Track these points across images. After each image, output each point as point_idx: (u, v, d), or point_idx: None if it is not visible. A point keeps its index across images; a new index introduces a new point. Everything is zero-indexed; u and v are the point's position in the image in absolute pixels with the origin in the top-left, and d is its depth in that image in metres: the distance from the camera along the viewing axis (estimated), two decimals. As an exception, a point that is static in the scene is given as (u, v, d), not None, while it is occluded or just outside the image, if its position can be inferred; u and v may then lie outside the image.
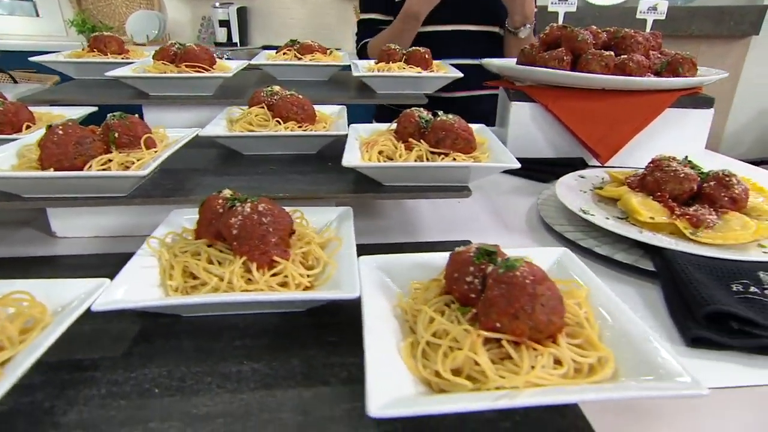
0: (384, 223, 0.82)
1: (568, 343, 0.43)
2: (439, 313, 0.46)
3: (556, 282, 0.50)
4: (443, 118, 0.73)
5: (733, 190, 0.69)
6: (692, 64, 1.04)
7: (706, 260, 0.61)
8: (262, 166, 0.80)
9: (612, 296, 0.48)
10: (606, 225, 0.69)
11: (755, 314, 0.52)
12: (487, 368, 0.38)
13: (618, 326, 0.45)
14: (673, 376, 0.38)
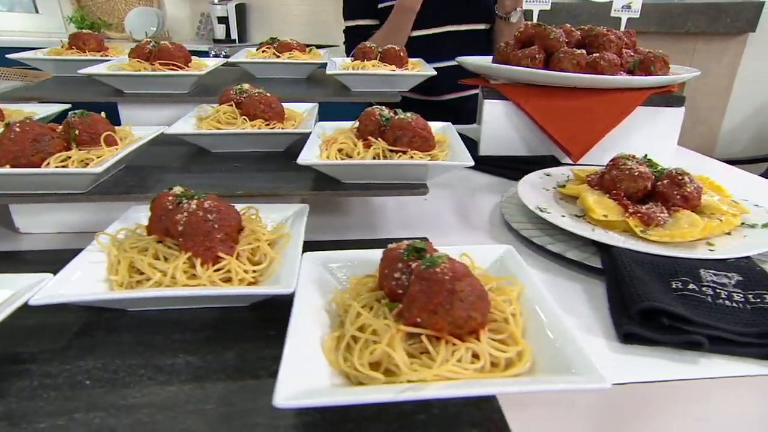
0: (349, 220, 0.83)
1: (492, 338, 0.44)
2: (368, 309, 0.47)
3: (490, 279, 0.52)
4: (401, 116, 0.74)
5: (685, 189, 0.70)
6: (664, 63, 1.04)
7: (650, 257, 0.62)
8: (227, 164, 0.81)
9: (544, 294, 0.49)
10: (560, 223, 0.70)
11: (688, 310, 0.53)
12: (400, 362, 0.40)
13: (543, 323, 0.46)
14: (582, 371, 0.39)
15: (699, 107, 3.26)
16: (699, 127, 3.31)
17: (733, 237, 0.69)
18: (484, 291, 0.44)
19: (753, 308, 0.54)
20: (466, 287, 0.43)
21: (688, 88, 3.20)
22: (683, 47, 3.17)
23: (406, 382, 0.39)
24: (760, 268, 0.61)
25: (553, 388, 0.37)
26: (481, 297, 0.43)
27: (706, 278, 0.59)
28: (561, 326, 0.44)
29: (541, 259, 0.70)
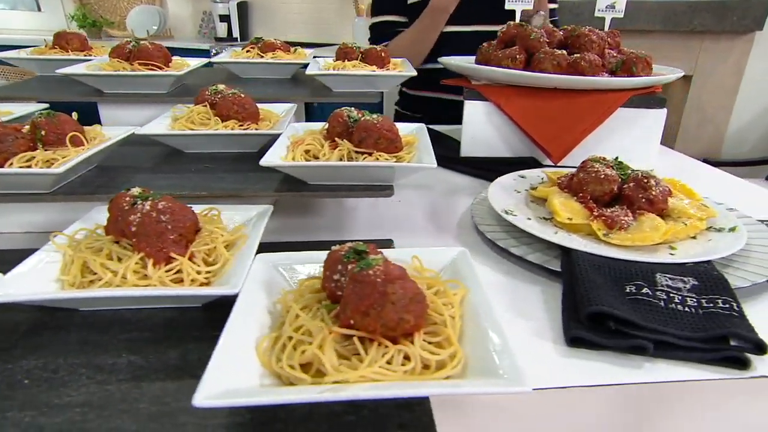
0: (320, 221, 0.84)
1: (428, 341, 0.45)
2: (308, 310, 0.48)
3: (436, 282, 0.53)
4: (367, 117, 0.75)
5: (650, 192, 0.70)
6: (646, 64, 1.04)
7: (608, 261, 0.63)
8: (199, 164, 0.83)
9: (487, 298, 0.49)
10: (523, 225, 0.70)
11: (637, 315, 0.53)
12: (327, 363, 0.41)
13: (480, 326, 0.46)
14: (507, 375, 0.39)
15: (705, 107, 3.24)
16: (705, 127, 3.29)
17: (697, 241, 0.69)
18: (420, 294, 0.45)
19: (705, 313, 0.55)
20: (399, 290, 0.43)
21: (694, 87, 3.19)
22: (689, 46, 3.15)
23: (332, 383, 0.40)
24: (717, 272, 0.61)
25: (464, 391, 0.38)
26: (414, 300, 0.44)
27: (661, 282, 0.59)
28: (496, 330, 0.45)
29: (504, 261, 0.71)
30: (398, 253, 0.58)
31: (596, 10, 1.13)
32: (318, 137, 0.79)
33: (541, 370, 0.50)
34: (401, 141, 0.78)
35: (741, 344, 0.51)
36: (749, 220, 0.79)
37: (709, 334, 0.52)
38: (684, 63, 3.19)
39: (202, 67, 1.21)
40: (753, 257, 0.68)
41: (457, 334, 0.46)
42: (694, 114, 3.28)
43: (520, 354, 0.51)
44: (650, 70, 1.06)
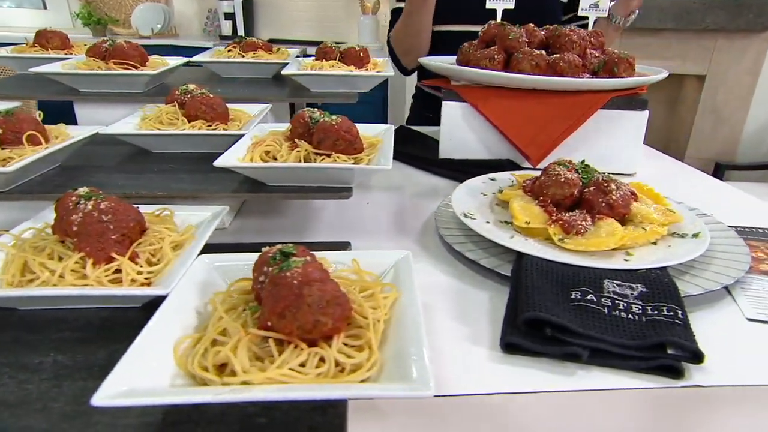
0: (284, 222, 0.85)
1: (349, 344, 0.46)
2: (235, 311, 0.49)
3: (369, 285, 0.53)
4: (326, 119, 0.76)
5: (610, 196, 0.70)
6: (629, 65, 1.04)
7: (558, 266, 0.63)
8: (163, 165, 0.84)
9: (416, 301, 0.50)
10: (479, 229, 0.71)
11: (577, 322, 0.54)
12: (237, 364, 0.42)
13: (403, 330, 0.47)
14: (414, 379, 0.40)
15: (720, 108, 3.20)
16: (720, 129, 3.25)
17: (657, 247, 0.69)
18: (340, 297, 0.46)
19: (647, 320, 0.55)
20: (316, 292, 0.44)
21: (707, 88, 3.16)
22: (702, 45, 3.11)
23: (239, 384, 0.41)
24: (668, 279, 0.61)
25: (361, 394, 0.38)
26: (333, 302, 0.45)
27: (608, 289, 0.59)
28: (416, 334, 0.45)
29: (459, 265, 0.71)
30: (340, 255, 0.59)
31: (579, 9, 1.12)
32: (280, 138, 0.80)
33: (471, 376, 0.51)
34: (361, 143, 0.78)
35: (678, 353, 0.51)
36: (719, 226, 0.78)
37: (647, 342, 0.52)
38: (697, 62, 3.16)
39: (184, 66, 1.23)
40: (714, 264, 0.68)
41: (379, 337, 0.47)
42: (708, 115, 3.24)
43: (454, 359, 0.52)
44: (633, 71, 1.05)
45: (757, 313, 0.61)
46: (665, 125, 3.59)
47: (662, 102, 3.55)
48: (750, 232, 0.82)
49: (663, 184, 1.03)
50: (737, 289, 0.66)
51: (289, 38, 4.19)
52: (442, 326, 0.59)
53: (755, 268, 0.71)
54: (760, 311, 0.61)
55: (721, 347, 0.55)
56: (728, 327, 0.59)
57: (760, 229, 0.83)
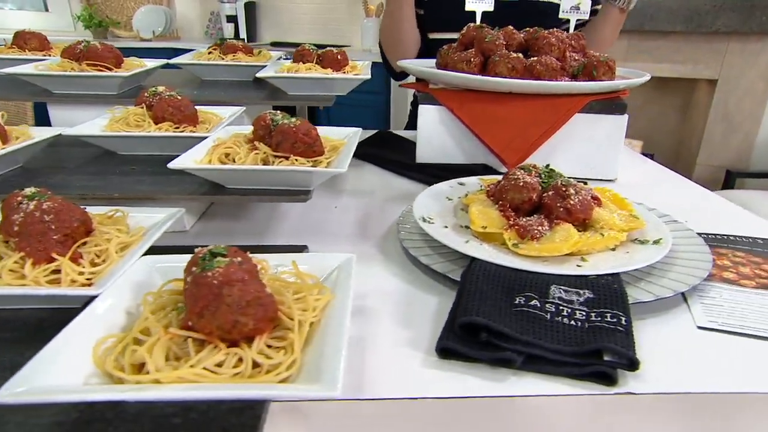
0: (246, 225, 0.86)
1: (273, 345, 0.47)
2: (164, 312, 0.51)
3: (303, 287, 0.54)
4: (285, 122, 0.78)
5: (568, 201, 0.71)
6: (608, 68, 1.05)
7: (507, 272, 0.64)
8: (125, 166, 0.86)
9: (346, 305, 0.51)
10: (435, 233, 0.72)
11: (516, 327, 0.54)
12: (151, 363, 0.43)
13: (327, 333, 0.48)
14: (322, 380, 0.41)
15: (732, 114, 3.18)
16: (732, 135, 3.22)
17: (615, 253, 0.69)
18: (264, 297, 0.47)
19: (589, 327, 0.55)
20: (236, 292, 0.45)
21: (719, 92, 3.14)
22: (714, 48, 3.10)
23: (151, 382, 0.42)
24: (618, 285, 0.61)
25: (261, 395, 0.39)
26: (254, 303, 0.46)
27: (554, 295, 0.60)
28: (338, 337, 0.46)
29: (415, 270, 0.72)
30: (282, 258, 0.60)
31: (560, 11, 1.13)
32: (241, 141, 0.82)
33: (403, 381, 0.52)
34: (321, 146, 0.80)
35: (614, 360, 0.52)
36: (688, 233, 0.78)
37: (583, 349, 0.52)
38: (709, 66, 3.15)
39: (163, 68, 1.25)
40: (673, 271, 0.68)
41: (303, 339, 0.48)
42: (719, 121, 3.22)
43: (389, 363, 0.53)
44: (612, 74, 1.06)
45: (708, 321, 0.61)
46: (676, 131, 3.57)
47: (674, 107, 3.53)
48: (722, 240, 0.82)
49: (644, 190, 1.04)
50: (694, 296, 0.66)
51: (291, 41, 4.24)
52: (385, 330, 0.59)
53: (718, 275, 0.71)
54: (711, 319, 0.61)
55: (665, 355, 0.56)
56: (677, 335, 0.59)
57: (732, 236, 0.83)
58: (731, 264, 0.75)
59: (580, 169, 1.08)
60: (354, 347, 0.56)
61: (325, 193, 1.01)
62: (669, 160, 3.57)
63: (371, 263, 0.75)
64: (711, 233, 0.84)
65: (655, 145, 3.53)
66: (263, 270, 0.58)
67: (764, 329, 0.60)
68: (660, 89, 3.47)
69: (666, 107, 3.57)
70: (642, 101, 3.54)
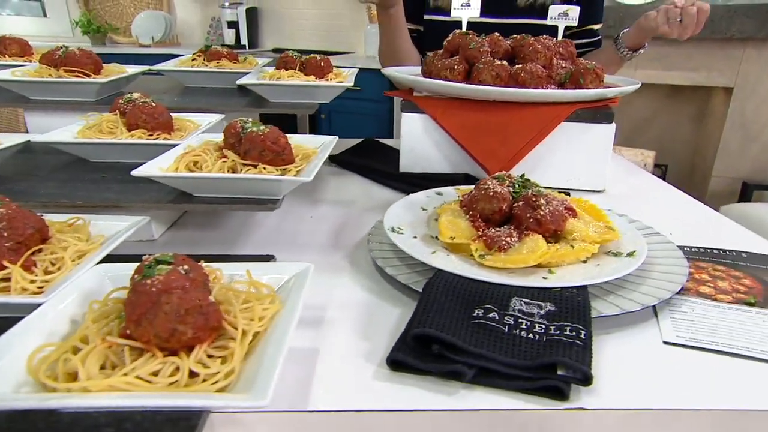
0: (217, 234, 0.88)
1: (213, 354, 0.49)
2: (107, 320, 0.52)
3: (252, 296, 0.56)
4: (253, 129, 0.79)
5: (538, 212, 0.71)
6: (596, 76, 1.06)
7: (469, 283, 0.64)
8: (96, 174, 0.88)
9: (293, 316, 0.52)
10: (402, 244, 0.73)
11: (471, 339, 0.55)
12: (83, 372, 0.44)
13: (269, 343, 0.49)
14: (253, 390, 0.42)
15: (749, 123, 3.17)
16: (750, 145, 3.21)
17: (585, 265, 0.70)
18: (205, 306, 0.48)
19: (547, 340, 0.56)
20: (175, 300, 0.47)
21: (735, 100, 3.13)
22: (729, 54, 3.10)
23: (80, 391, 0.43)
24: (582, 298, 0.62)
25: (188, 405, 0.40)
26: (194, 311, 0.47)
27: (514, 307, 0.60)
28: (278, 347, 0.47)
29: (381, 281, 0.73)
30: (238, 267, 0.62)
31: (548, 17, 1.15)
32: (211, 148, 0.83)
33: (351, 393, 0.52)
34: (291, 154, 0.81)
35: (568, 374, 0.52)
36: (668, 246, 0.79)
37: (536, 362, 0.53)
38: (724, 73, 3.14)
39: (145, 74, 1.28)
40: (645, 285, 0.68)
41: (245, 349, 0.49)
42: (736, 131, 3.21)
43: (340, 375, 0.54)
44: (600, 83, 1.07)
45: (676, 336, 0.61)
46: (691, 141, 3.56)
47: (688, 116, 3.52)
48: (704, 253, 0.82)
49: (634, 202, 1.05)
50: (665, 310, 0.67)
51: (294, 48, 4.29)
52: (340, 341, 0.60)
53: (694, 290, 0.71)
54: (679, 334, 0.62)
55: (626, 370, 0.56)
56: (641, 349, 0.60)
57: (717, 250, 0.83)
58: (709, 278, 0.75)
59: (567, 180, 1.09)
60: (305, 359, 0.57)
61: (302, 202, 1.02)
62: (683, 171, 3.56)
63: (339, 274, 0.76)
64: (695, 246, 0.84)
65: (668, 155, 3.52)
66: (216, 279, 0.59)
67: (732, 345, 0.60)
68: (673, 97, 3.47)
69: (680, 116, 3.56)
70: (655, 110, 3.54)
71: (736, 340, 0.61)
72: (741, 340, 0.61)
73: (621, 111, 3.48)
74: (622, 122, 3.60)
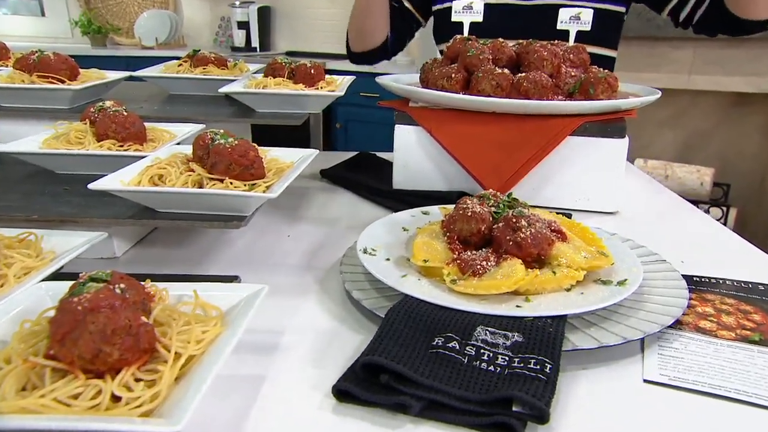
0: (183, 253, 0.92)
1: (143, 378, 0.52)
2: (37, 339, 0.56)
3: (197, 319, 0.59)
4: (220, 141, 0.83)
5: (518, 234, 0.74)
6: (608, 85, 1.07)
7: (434, 310, 0.67)
8: (59, 186, 0.94)
9: (231, 340, 0.55)
10: (370, 266, 0.75)
11: (424, 370, 0.57)
12: (1, 394, 0.48)
13: (201, 368, 0.52)
14: (169, 415, 0.46)
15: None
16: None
17: (566, 294, 0.72)
18: (135, 326, 0.52)
19: (509, 373, 0.58)
20: (101, 319, 0.50)
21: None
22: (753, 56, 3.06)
23: (0, 411, 0.47)
24: (554, 329, 0.64)
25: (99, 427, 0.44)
26: (122, 332, 0.51)
27: (478, 337, 0.63)
28: (205, 372, 0.51)
29: (348, 305, 0.76)
30: (187, 287, 0.65)
31: (559, 21, 1.17)
32: (178, 161, 0.88)
33: (291, 424, 0.55)
34: (262, 168, 0.85)
35: (524, 410, 0.54)
36: (671, 274, 0.80)
37: (491, 396, 0.55)
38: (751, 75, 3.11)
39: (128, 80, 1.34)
40: (634, 317, 0.70)
41: (176, 372, 0.53)
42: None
43: (284, 405, 0.57)
44: (612, 92, 1.08)
45: (659, 375, 0.63)
46: (760, 156, 3.49)
47: (756, 127, 3.46)
48: (713, 284, 0.83)
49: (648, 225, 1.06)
50: (654, 345, 0.68)
51: (308, 51, 4.38)
52: (290, 369, 0.63)
53: (692, 324, 0.72)
54: (663, 372, 0.63)
55: (593, 409, 0.58)
56: (617, 388, 0.61)
57: (729, 281, 0.84)
58: (714, 312, 0.76)
59: (576, 201, 1.10)
60: (248, 386, 0.60)
61: (283, 219, 1.06)
62: (750, 190, 3.48)
63: (305, 297, 0.79)
64: (706, 277, 0.85)
65: (732, 173, 3.45)
66: (161, 299, 0.63)
67: (721, 386, 0.61)
68: (739, 106, 3.42)
69: (747, 127, 3.50)
70: (715, 122, 3.50)
71: (728, 381, 0.62)
72: (733, 382, 0.62)
73: (675, 123, 3.47)
74: (676, 136, 3.58)
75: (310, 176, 1.29)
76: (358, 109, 3.63)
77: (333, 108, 3.87)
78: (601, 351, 0.65)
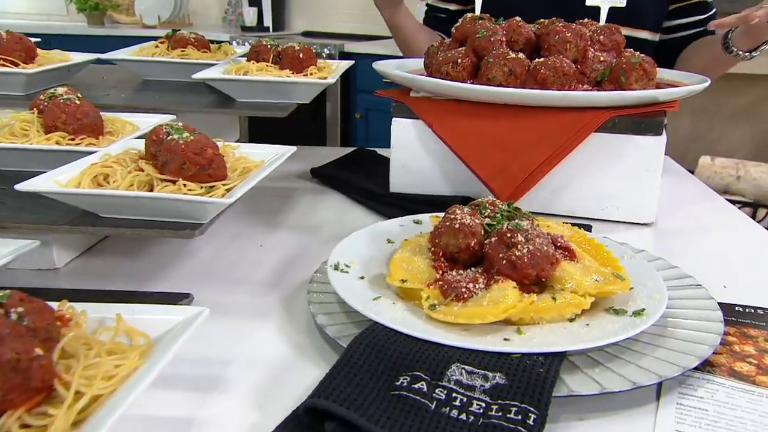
0: (138, 265, 0.90)
1: (33, 424, 0.49)
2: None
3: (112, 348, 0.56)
4: (174, 137, 0.80)
5: (513, 252, 0.69)
6: (643, 72, 1.02)
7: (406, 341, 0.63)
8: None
9: (146, 376, 0.52)
10: (337, 285, 0.71)
11: (380, 418, 0.53)
12: None
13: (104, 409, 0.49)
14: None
15: None
16: None
17: (569, 325, 0.67)
18: (24, 361, 0.48)
19: (483, 423, 0.54)
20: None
21: None
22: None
23: None
24: (545, 370, 0.59)
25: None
26: (5, 367, 0.48)
27: (451, 376, 0.58)
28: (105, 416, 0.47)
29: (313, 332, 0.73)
30: (113, 309, 0.62)
31: (588, -3, 1.12)
32: (128, 159, 0.85)
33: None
34: (223, 168, 0.82)
35: (495, 471, 0.50)
36: (705, 303, 0.74)
37: (457, 454, 0.51)
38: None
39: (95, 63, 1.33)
40: (651, 356, 0.64)
41: (73, 415, 0.49)
42: None
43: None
44: (649, 81, 1.03)
45: (675, 430, 0.57)
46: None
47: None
48: (760, 316, 0.77)
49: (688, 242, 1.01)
50: (674, 392, 0.62)
51: (327, 31, 4.37)
52: (225, 411, 0.60)
53: (726, 366, 0.67)
54: (680, 429, 0.58)
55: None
56: (621, 444, 0.56)
57: (779, 311, 0.78)
58: (755, 351, 0.70)
59: (603, 209, 1.05)
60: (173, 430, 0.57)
61: (258, 225, 1.03)
62: None
63: (265, 320, 0.76)
64: (751, 306, 0.79)
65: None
66: (76, 324, 0.60)
67: (749, 447, 0.56)
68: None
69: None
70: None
71: (759, 439, 0.57)
72: (770, 442, 0.57)
73: (751, 115, 3.35)
74: (753, 130, 3.46)
75: (299, 176, 1.26)
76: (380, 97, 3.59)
77: (352, 96, 3.84)
78: (604, 398, 0.60)
